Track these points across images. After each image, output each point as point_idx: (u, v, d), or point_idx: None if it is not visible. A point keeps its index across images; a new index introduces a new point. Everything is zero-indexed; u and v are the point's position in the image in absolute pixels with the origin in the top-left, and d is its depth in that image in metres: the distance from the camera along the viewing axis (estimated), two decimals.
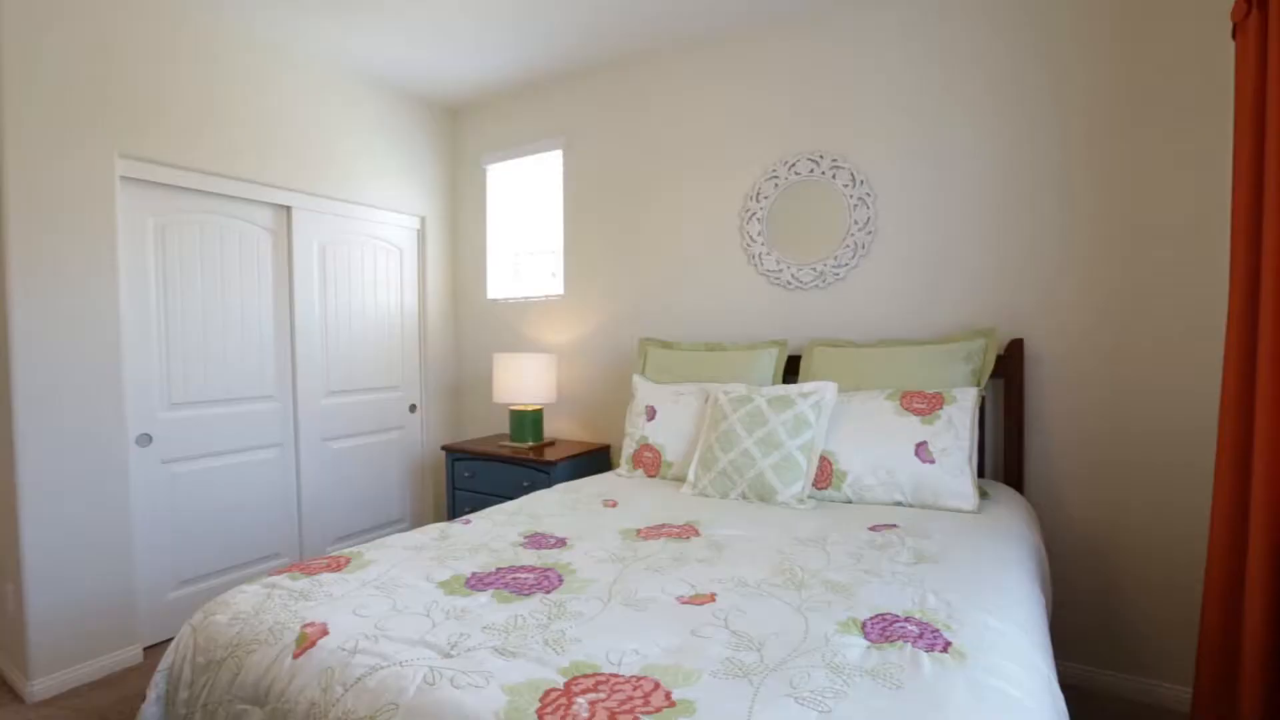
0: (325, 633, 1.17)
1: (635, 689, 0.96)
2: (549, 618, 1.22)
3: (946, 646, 1.08)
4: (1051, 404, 2.24)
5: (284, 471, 2.96)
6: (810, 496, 2.10)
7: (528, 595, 1.34)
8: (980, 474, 2.31)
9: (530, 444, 3.11)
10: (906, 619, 1.19)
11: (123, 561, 2.40)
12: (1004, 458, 2.29)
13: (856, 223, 2.56)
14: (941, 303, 2.42)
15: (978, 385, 2.15)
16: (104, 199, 2.33)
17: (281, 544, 2.96)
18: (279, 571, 1.47)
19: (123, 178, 2.41)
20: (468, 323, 3.79)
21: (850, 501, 2.06)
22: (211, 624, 1.28)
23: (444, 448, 3.20)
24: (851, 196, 2.57)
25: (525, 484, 2.95)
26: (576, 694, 0.95)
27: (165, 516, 2.56)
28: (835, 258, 2.61)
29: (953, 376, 2.18)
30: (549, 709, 0.91)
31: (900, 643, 1.10)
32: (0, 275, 2.16)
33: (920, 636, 1.12)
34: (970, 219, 2.36)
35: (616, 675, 1.01)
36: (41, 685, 2.21)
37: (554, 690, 0.96)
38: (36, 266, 2.18)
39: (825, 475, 2.10)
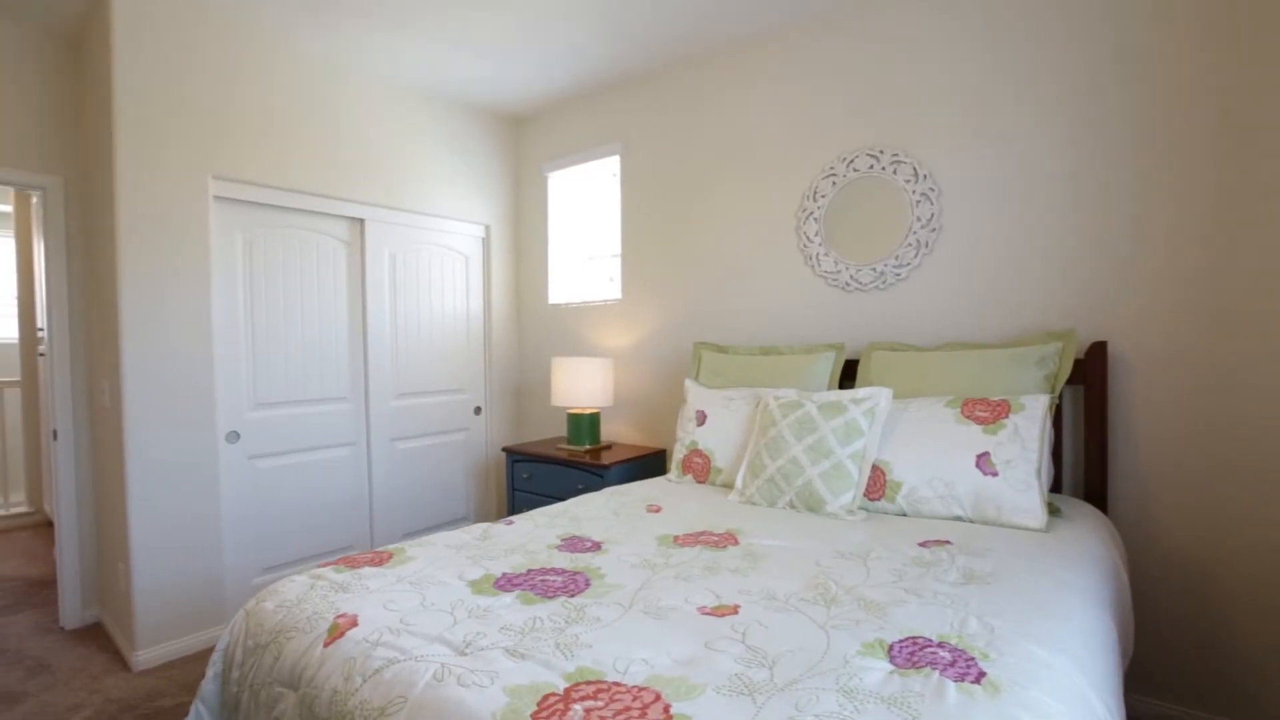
0: (355, 624, 1.23)
1: (635, 699, 0.95)
2: (566, 621, 1.23)
3: (980, 677, 1.00)
4: (1140, 413, 2.03)
5: (356, 469, 3.15)
6: (861, 508, 2.00)
7: (551, 598, 1.35)
8: (1056, 489, 2.12)
9: (587, 447, 3.15)
10: (940, 644, 1.11)
11: (213, 548, 2.62)
12: (1084, 472, 2.09)
13: (919, 219, 2.42)
14: (1012, 303, 2.25)
15: (1051, 392, 1.98)
16: (199, 218, 2.56)
17: (354, 538, 3.15)
18: (327, 564, 1.56)
19: (215, 197, 2.64)
20: (530, 327, 3.89)
21: (905, 514, 1.95)
22: (261, 610, 1.37)
23: (504, 449, 3.30)
24: (914, 192, 2.43)
25: (580, 486, 2.98)
26: (575, 700, 0.94)
27: (250, 508, 2.78)
28: (896, 257, 2.48)
29: (1023, 382, 2.02)
30: (544, 713, 0.91)
31: (927, 669, 1.02)
32: (114, 289, 2.43)
33: (952, 664, 1.04)
34: (1046, 212, 2.18)
35: (619, 684, 0.99)
36: (145, 655, 2.45)
37: (553, 695, 0.96)
38: (143, 281, 2.43)
39: (878, 485, 2.00)
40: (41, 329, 4.02)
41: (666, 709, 0.92)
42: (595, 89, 3.40)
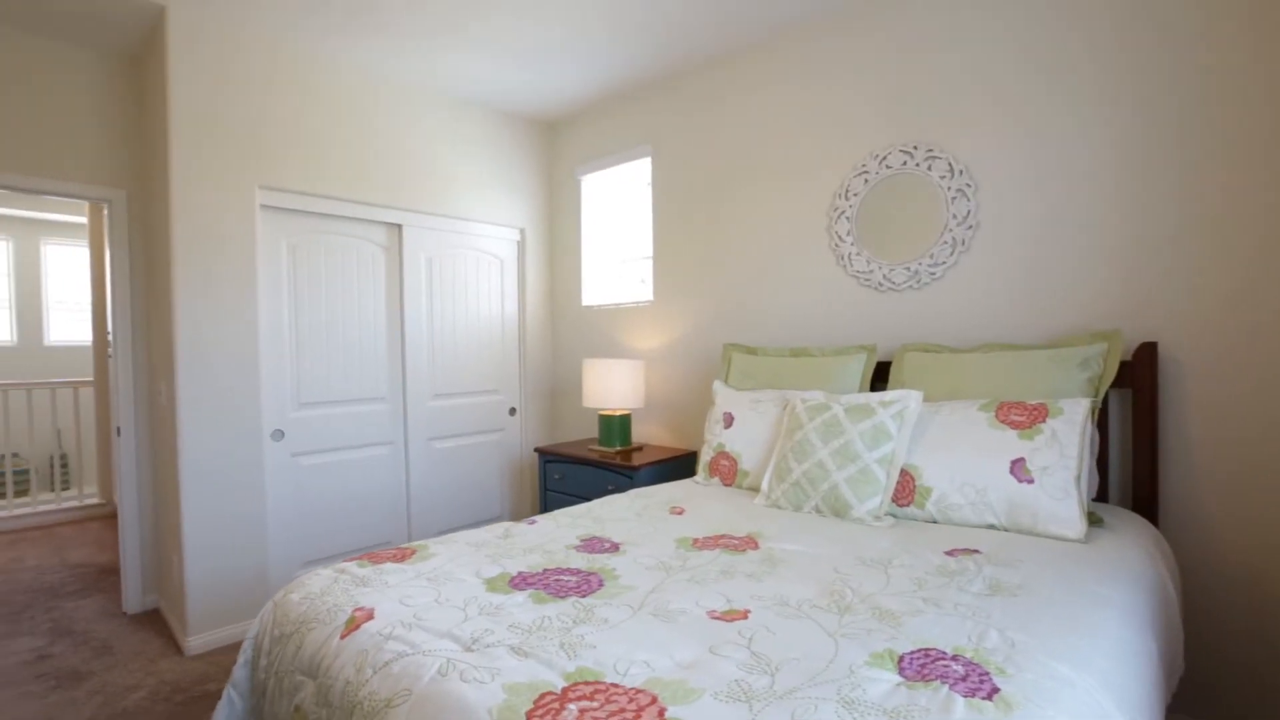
0: (371, 617, 1.26)
1: (630, 701, 0.94)
2: (574, 621, 1.23)
3: (992, 693, 0.95)
4: (1193, 417, 1.90)
5: (394, 468, 3.24)
6: (889, 514, 1.95)
7: (563, 598, 1.36)
8: (1102, 498, 2.01)
9: (618, 448, 3.16)
10: (954, 656, 1.07)
11: (259, 541, 2.74)
12: (1132, 480, 1.98)
13: (955, 217, 2.34)
14: (1053, 302, 2.14)
15: (1094, 395, 1.88)
16: (247, 225, 2.69)
17: (392, 534, 3.24)
18: (352, 559, 1.62)
19: (261, 206, 2.77)
20: (564, 329, 3.93)
21: (935, 521, 1.88)
22: (288, 601, 1.43)
23: (536, 449, 3.34)
24: (949, 188, 2.35)
25: (610, 487, 3.00)
26: (571, 700, 0.95)
27: (293, 504, 2.90)
28: (931, 255, 2.41)
29: (1064, 385, 1.92)
30: (539, 712, 0.92)
31: (937, 683, 0.98)
32: (169, 294, 2.57)
33: (964, 678, 1.00)
34: (1089, 205, 2.07)
35: (617, 685, 0.99)
36: (196, 641, 2.59)
37: (550, 694, 0.97)
38: (195, 286, 2.57)
39: (907, 491, 1.94)
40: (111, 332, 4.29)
41: (661, 712, 0.92)
42: (625, 92, 3.42)
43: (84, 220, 5.99)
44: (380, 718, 1.01)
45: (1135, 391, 1.95)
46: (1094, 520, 1.78)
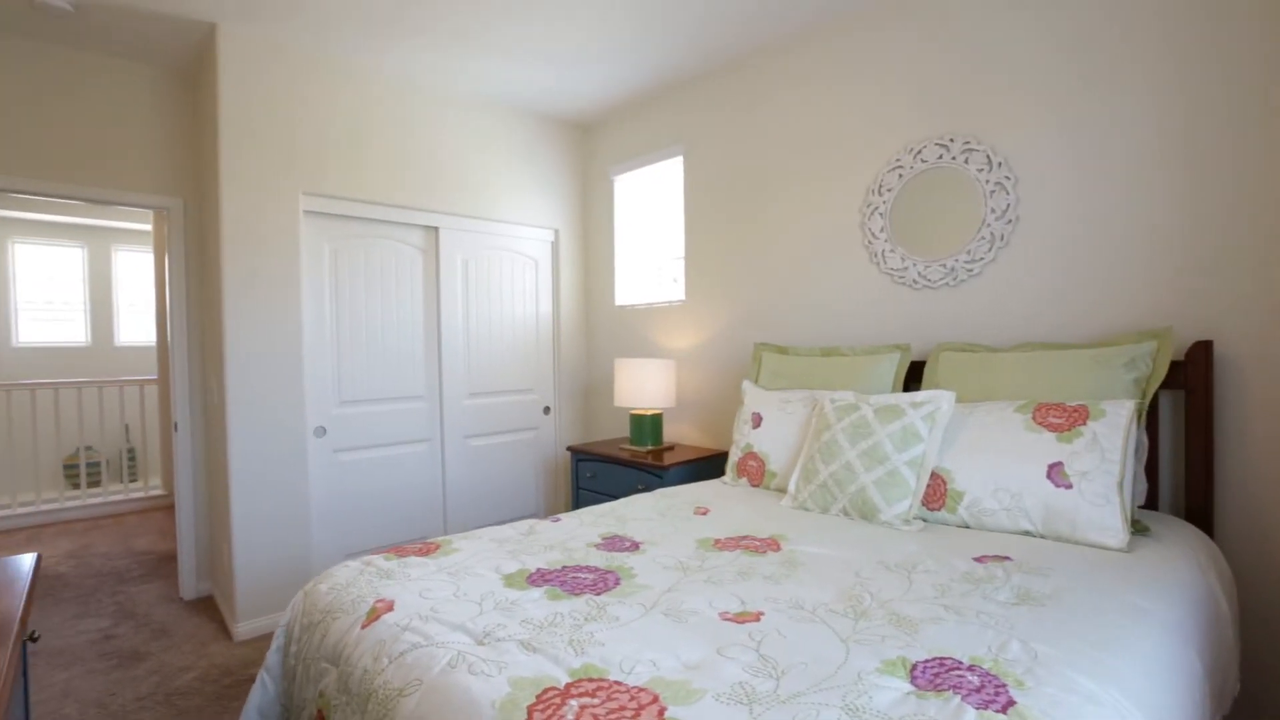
0: (391, 609, 1.30)
1: (631, 700, 0.95)
2: (585, 618, 1.24)
3: (1007, 706, 0.92)
4: (1256, 421, 1.78)
5: (431, 464, 3.33)
6: (919, 517, 1.89)
7: (578, 595, 1.37)
8: (1152, 506, 1.91)
9: (649, 448, 3.16)
10: (970, 667, 1.03)
11: (303, 534, 2.86)
12: (1185, 487, 1.87)
13: (993, 211, 2.26)
14: (1098, 299, 2.04)
15: (1140, 397, 1.78)
16: (291, 231, 2.81)
17: (428, 529, 3.33)
18: (379, 552, 1.67)
19: (305, 212, 2.88)
20: (598, 329, 3.96)
21: (967, 526, 1.82)
22: (316, 591, 1.49)
23: (569, 448, 3.38)
24: (988, 182, 2.27)
25: (639, 486, 3.00)
26: (573, 696, 0.96)
27: (335, 499, 3.01)
28: (968, 252, 2.32)
29: (1109, 386, 1.83)
30: (540, 706, 0.93)
31: (949, 693, 0.95)
32: (219, 296, 2.70)
33: (979, 689, 0.96)
34: (1137, 197, 1.96)
35: (620, 684, 1.00)
36: (244, 627, 2.71)
37: (553, 689, 0.98)
38: (243, 289, 2.69)
39: (938, 495, 1.88)
40: None
41: (661, 712, 0.91)
42: (657, 92, 3.41)
43: (149, 227, 6.35)
44: (392, 705, 1.04)
45: (1188, 393, 1.84)
46: (1139, 528, 1.69)
